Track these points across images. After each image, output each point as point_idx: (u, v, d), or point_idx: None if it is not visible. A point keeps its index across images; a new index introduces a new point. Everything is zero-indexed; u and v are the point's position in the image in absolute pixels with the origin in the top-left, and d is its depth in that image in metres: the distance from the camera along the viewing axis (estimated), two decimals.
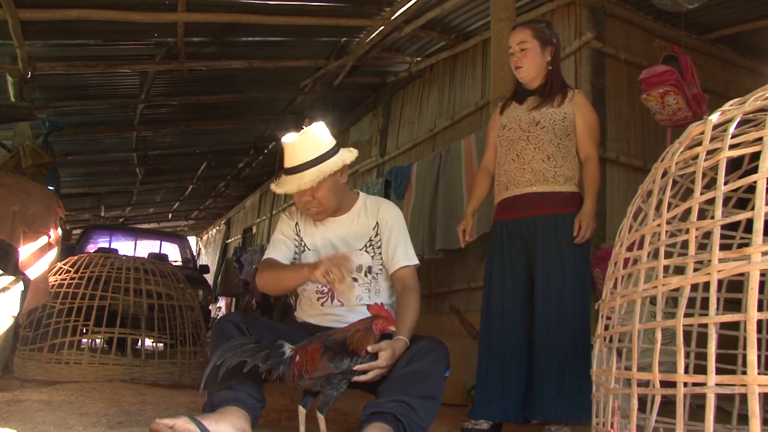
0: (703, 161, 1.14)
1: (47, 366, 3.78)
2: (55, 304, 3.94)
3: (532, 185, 2.60)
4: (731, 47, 4.99)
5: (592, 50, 4.21)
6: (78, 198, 11.32)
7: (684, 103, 3.64)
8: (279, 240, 2.37)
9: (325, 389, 1.85)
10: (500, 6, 3.54)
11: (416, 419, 1.87)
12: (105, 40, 5.31)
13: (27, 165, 5.25)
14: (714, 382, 0.97)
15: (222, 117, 7.84)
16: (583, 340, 2.42)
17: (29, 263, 3.70)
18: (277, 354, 1.84)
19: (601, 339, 1.47)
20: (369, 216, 2.34)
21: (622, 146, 4.28)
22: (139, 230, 11.36)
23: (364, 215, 2.34)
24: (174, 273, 4.53)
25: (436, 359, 1.98)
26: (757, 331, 0.94)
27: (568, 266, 2.50)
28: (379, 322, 1.90)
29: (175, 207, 13.98)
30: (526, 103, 2.72)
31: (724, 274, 1.01)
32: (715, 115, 1.21)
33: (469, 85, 5.56)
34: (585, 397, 1.80)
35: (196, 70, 5.96)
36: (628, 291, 1.31)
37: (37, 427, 2.01)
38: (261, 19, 4.93)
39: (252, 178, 11.45)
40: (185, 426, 1.68)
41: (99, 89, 6.46)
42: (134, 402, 2.79)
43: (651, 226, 1.28)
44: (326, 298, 2.29)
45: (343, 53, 6.06)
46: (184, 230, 17.33)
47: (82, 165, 9.27)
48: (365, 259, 2.28)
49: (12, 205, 3.63)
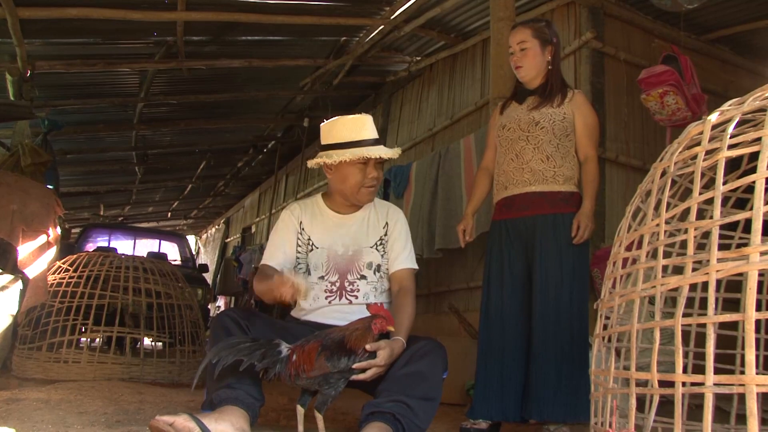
0: (702, 161, 1.14)
1: (46, 365, 3.78)
2: (54, 302, 3.94)
3: (531, 185, 2.60)
4: (730, 47, 4.99)
5: (592, 50, 4.20)
6: (77, 197, 11.32)
7: (683, 103, 3.64)
8: (278, 243, 2.33)
9: (323, 388, 1.85)
10: (500, 5, 3.54)
11: (415, 420, 1.87)
12: (104, 38, 5.31)
13: (26, 163, 5.25)
14: (712, 382, 0.98)
15: (221, 116, 7.84)
16: (582, 340, 2.42)
17: (28, 262, 3.69)
18: (273, 353, 1.84)
19: (600, 339, 1.47)
20: (379, 216, 2.36)
21: (622, 146, 4.28)
22: (139, 229, 11.34)
23: (374, 215, 2.36)
24: (173, 272, 4.53)
25: (434, 361, 1.98)
26: (755, 330, 0.94)
27: (567, 266, 2.50)
28: (378, 322, 1.90)
29: (175, 206, 13.98)
30: (525, 102, 2.72)
31: (722, 273, 1.01)
32: (714, 115, 1.21)
33: (468, 84, 5.56)
34: (583, 396, 1.80)
35: (196, 69, 5.96)
36: (627, 291, 1.31)
37: (36, 425, 2.01)
38: (260, 18, 4.93)
39: (251, 177, 11.44)
40: (185, 424, 1.67)
41: (98, 88, 6.45)
42: (133, 401, 2.79)
43: (650, 225, 1.28)
44: (335, 297, 2.27)
45: (342, 52, 6.06)
46: (184, 229, 17.32)
47: (82, 164, 9.26)
48: (375, 257, 2.29)
49: (11, 204, 3.63)
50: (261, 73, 6.42)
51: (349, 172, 2.21)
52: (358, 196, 2.27)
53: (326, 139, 2.24)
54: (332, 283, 2.27)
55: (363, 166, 2.20)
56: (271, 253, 2.31)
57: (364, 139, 2.17)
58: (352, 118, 2.21)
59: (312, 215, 2.35)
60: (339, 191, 2.31)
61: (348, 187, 2.25)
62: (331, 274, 2.28)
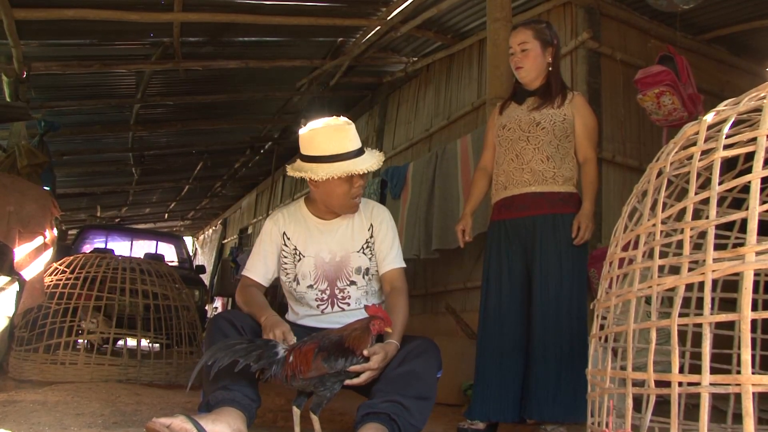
0: (698, 161, 1.14)
1: (43, 366, 3.77)
2: (51, 304, 3.93)
3: (531, 185, 2.60)
4: (727, 47, 5.00)
5: (588, 50, 4.21)
6: (74, 198, 11.29)
7: (679, 104, 3.65)
8: (261, 254, 2.30)
9: (318, 390, 1.85)
10: (496, 6, 3.54)
11: (410, 419, 1.87)
12: (101, 39, 5.30)
13: (22, 165, 5.23)
14: (708, 382, 0.98)
15: (218, 117, 7.83)
16: (580, 341, 2.42)
17: (25, 264, 3.69)
18: (270, 354, 1.83)
19: (597, 339, 1.48)
20: (364, 218, 2.32)
21: (618, 146, 4.29)
22: (136, 230, 11.31)
23: (358, 218, 2.32)
24: (170, 273, 4.53)
25: (428, 360, 1.99)
26: (751, 330, 0.94)
27: (566, 266, 2.50)
28: (377, 323, 1.90)
29: (172, 207, 13.95)
30: (525, 103, 2.72)
31: (718, 273, 1.01)
32: (709, 115, 1.21)
33: (465, 85, 5.56)
34: (581, 397, 1.80)
35: (192, 70, 5.95)
36: (624, 291, 1.31)
37: (33, 427, 2.01)
38: (257, 19, 4.92)
39: (248, 178, 11.43)
40: (182, 425, 1.67)
41: (95, 89, 6.44)
42: (130, 402, 2.79)
43: (646, 226, 1.28)
44: (326, 305, 2.27)
45: (339, 53, 6.06)
46: (181, 230, 17.28)
47: (78, 165, 9.25)
48: (363, 261, 2.27)
49: (7, 205, 3.62)
50: (258, 74, 6.42)
51: (336, 185, 2.14)
52: (345, 209, 2.24)
53: (307, 150, 2.14)
54: (322, 291, 2.25)
55: (349, 178, 2.13)
56: (253, 264, 2.30)
57: (348, 151, 2.09)
58: (334, 127, 2.11)
59: (296, 223, 2.31)
60: (324, 203, 2.25)
61: (334, 200, 2.20)
62: (321, 282, 2.26)
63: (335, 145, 2.09)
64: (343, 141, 2.11)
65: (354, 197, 2.20)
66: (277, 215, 2.35)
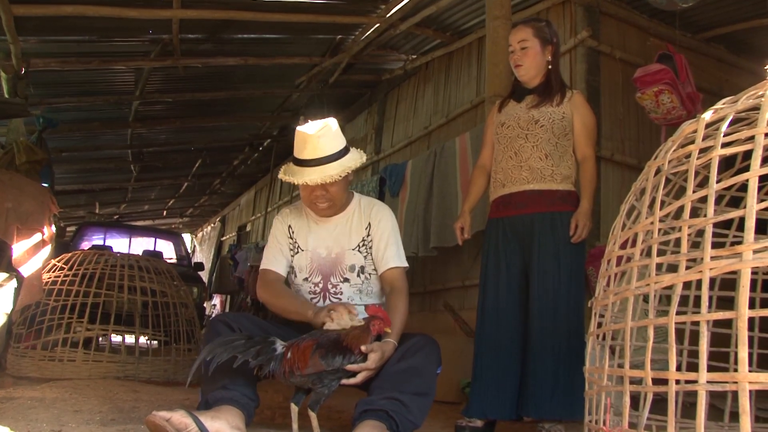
0: (696, 159, 1.14)
1: (41, 363, 3.77)
2: (49, 301, 3.93)
3: (529, 183, 2.60)
4: (726, 46, 5.00)
5: (587, 48, 4.21)
6: (72, 195, 11.28)
7: (678, 102, 3.65)
8: (277, 246, 2.36)
9: (316, 387, 1.85)
10: (495, 4, 3.54)
11: (408, 416, 1.87)
12: (100, 36, 5.29)
13: (21, 162, 5.23)
14: (705, 380, 0.98)
15: (217, 114, 7.82)
16: (578, 338, 2.43)
17: (23, 260, 3.69)
18: (268, 350, 1.84)
19: (594, 336, 1.48)
20: (362, 216, 2.34)
21: (617, 144, 4.29)
22: (134, 227, 11.30)
23: (357, 216, 2.34)
24: (168, 270, 4.53)
25: (427, 356, 1.99)
26: (748, 328, 0.94)
27: (564, 264, 2.50)
28: (377, 323, 1.90)
29: (170, 204, 13.95)
30: (524, 101, 2.72)
31: (716, 271, 1.01)
32: (708, 113, 1.21)
33: (464, 83, 5.56)
34: (578, 394, 1.80)
35: (191, 67, 5.95)
36: (621, 289, 1.31)
37: (31, 424, 2.01)
38: (256, 16, 4.92)
39: (247, 175, 11.42)
40: (182, 419, 1.68)
41: (94, 86, 6.43)
42: (128, 399, 2.79)
43: (644, 223, 1.28)
44: (318, 298, 2.29)
45: (338, 51, 6.05)
46: (179, 227, 17.27)
47: (77, 162, 9.23)
48: (358, 260, 2.29)
49: (6, 202, 3.62)
50: (257, 71, 6.41)
51: (301, 188, 2.23)
52: (312, 210, 2.31)
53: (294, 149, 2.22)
54: (315, 284, 2.31)
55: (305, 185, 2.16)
56: (272, 257, 2.35)
57: (309, 159, 2.12)
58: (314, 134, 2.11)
59: (299, 218, 2.38)
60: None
61: (303, 200, 2.30)
62: (315, 275, 2.31)
63: (301, 151, 2.15)
64: (304, 149, 2.14)
65: (313, 202, 2.24)
66: (284, 211, 2.44)
